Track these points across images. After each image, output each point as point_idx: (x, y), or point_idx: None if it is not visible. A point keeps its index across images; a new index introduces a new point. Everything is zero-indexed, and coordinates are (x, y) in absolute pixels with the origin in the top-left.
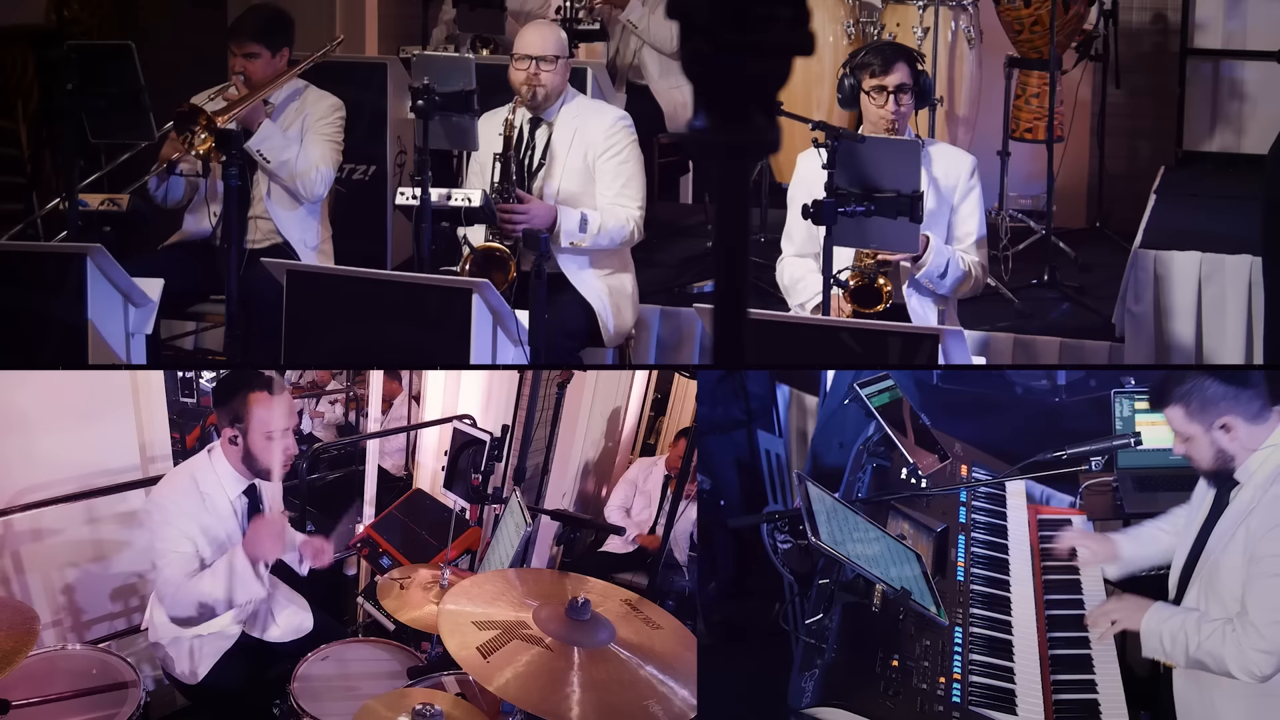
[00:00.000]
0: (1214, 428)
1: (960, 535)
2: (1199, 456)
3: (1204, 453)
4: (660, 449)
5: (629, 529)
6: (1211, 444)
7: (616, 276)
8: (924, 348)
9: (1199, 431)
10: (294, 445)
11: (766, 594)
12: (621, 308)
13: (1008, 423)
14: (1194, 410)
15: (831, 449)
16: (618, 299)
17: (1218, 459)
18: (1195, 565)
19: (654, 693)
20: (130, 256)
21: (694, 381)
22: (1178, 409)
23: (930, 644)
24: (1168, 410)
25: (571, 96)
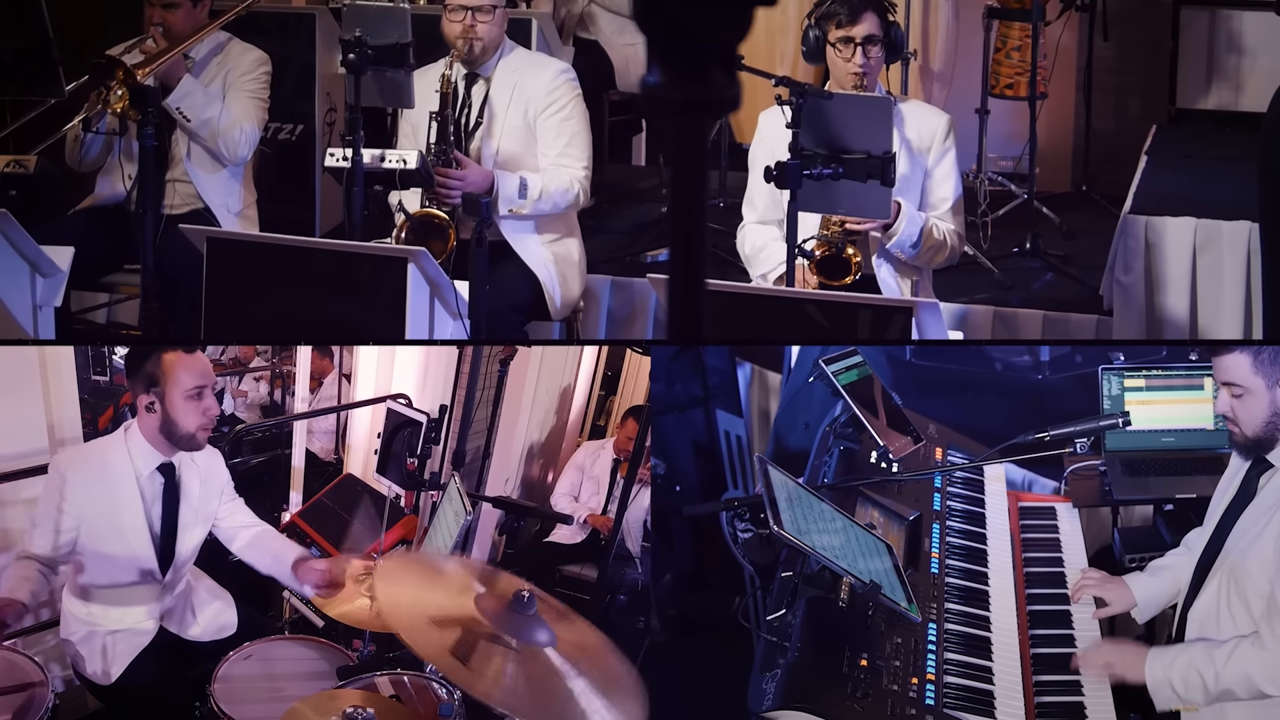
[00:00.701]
0: (1278, 385)
1: (934, 524)
2: (1248, 417)
3: (1256, 413)
4: (611, 431)
5: (577, 517)
6: (1270, 404)
7: (563, 243)
8: (896, 321)
9: (1261, 386)
10: (215, 405)
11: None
12: (568, 277)
13: (986, 402)
14: (1264, 361)
15: (796, 430)
16: (564, 268)
17: (1269, 425)
18: (1218, 554)
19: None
20: (38, 223)
21: (647, 358)
22: (1245, 355)
23: (902, 642)
24: (1232, 356)
25: (510, 49)
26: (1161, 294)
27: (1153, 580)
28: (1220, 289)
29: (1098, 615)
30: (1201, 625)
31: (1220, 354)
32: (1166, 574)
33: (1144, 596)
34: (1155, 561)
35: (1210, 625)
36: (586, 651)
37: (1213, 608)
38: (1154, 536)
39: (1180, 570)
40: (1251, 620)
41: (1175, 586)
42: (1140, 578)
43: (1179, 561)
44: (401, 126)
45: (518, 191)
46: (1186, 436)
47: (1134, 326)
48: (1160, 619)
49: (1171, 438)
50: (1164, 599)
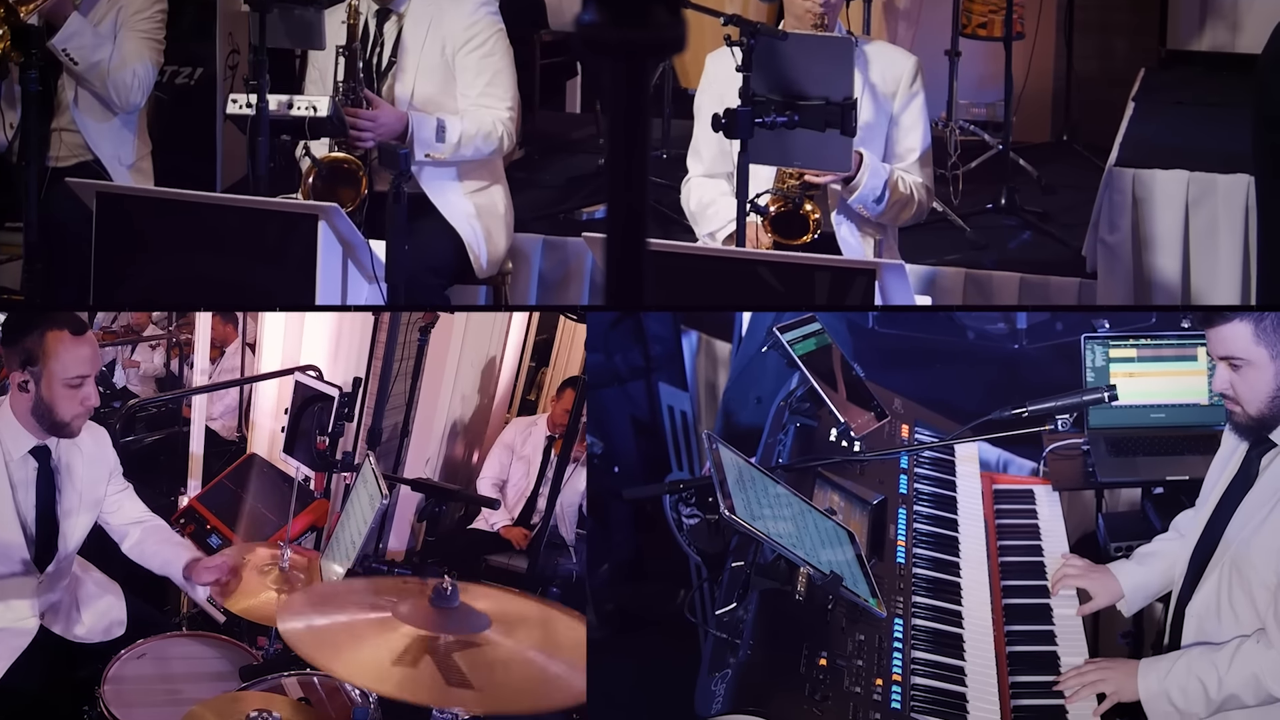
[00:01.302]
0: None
1: (901, 509)
2: (1250, 394)
3: (1260, 389)
4: (542, 406)
5: (492, 524)
6: (1276, 376)
7: (487, 193)
8: (858, 285)
9: (1264, 358)
10: (95, 396)
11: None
12: (494, 231)
13: (958, 374)
14: (1266, 329)
15: (747, 405)
16: (489, 221)
17: (1274, 400)
18: (1217, 544)
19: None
20: None
21: (583, 325)
22: (1245, 325)
23: (865, 639)
24: (1230, 326)
25: None
26: (1151, 254)
27: (1140, 569)
28: (1216, 249)
29: (1081, 610)
30: (1201, 622)
31: (1216, 324)
32: (1155, 562)
33: (1131, 586)
34: (1142, 548)
35: (1211, 622)
36: (528, 622)
37: (1213, 602)
38: (1142, 522)
39: (1170, 557)
40: (1256, 615)
41: (1165, 576)
42: (1127, 566)
43: (1169, 548)
44: (310, 72)
45: (435, 134)
46: (1178, 412)
47: (1120, 290)
48: (1148, 612)
49: (1162, 414)
50: (1153, 589)
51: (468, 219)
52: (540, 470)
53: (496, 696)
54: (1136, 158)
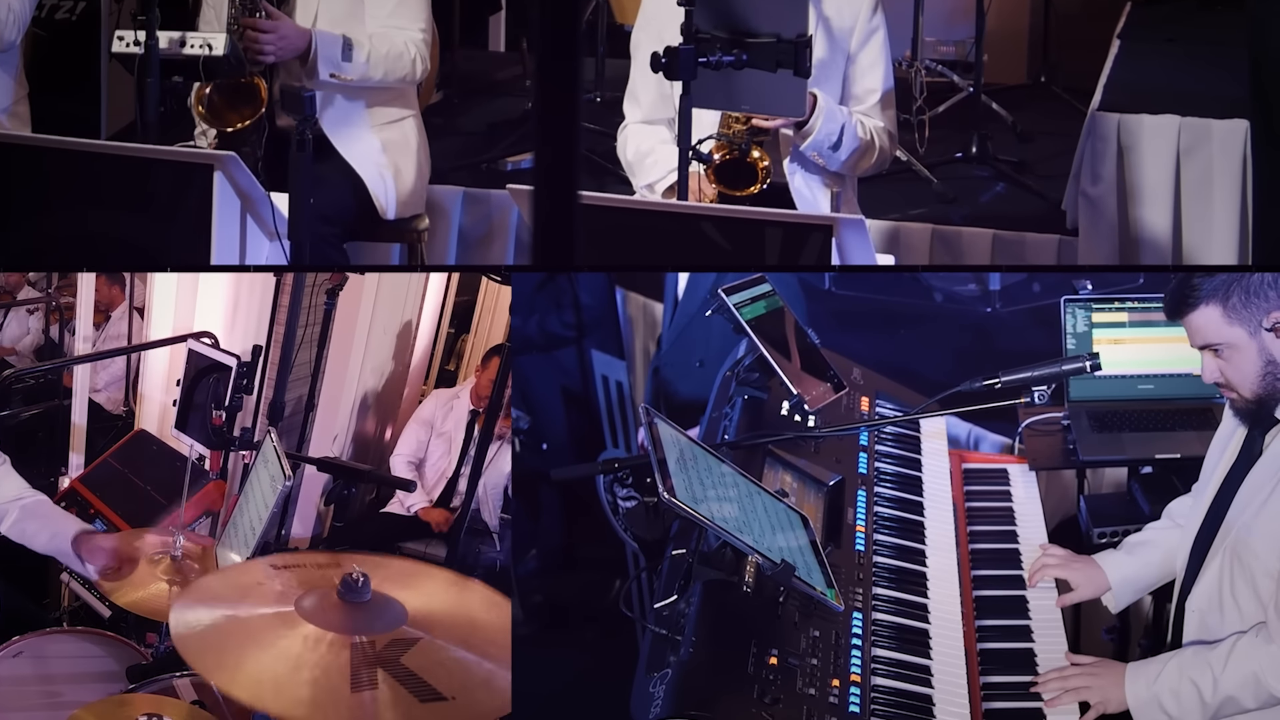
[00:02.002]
0: (1262, 328)
1: (860, 490)
2: (1240, 377)
3: (1247, 370)
4: (463, 376)
5: (409, 507)
6: (1260, 353)
7: (398, 127)
8: (813, 242)
9: (1242, 337)
10: None
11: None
12: (403, 168)
13: (923, 341)
14: (1235, 306)
15: (687, 372)
16: (398, 157)
17: (1266, 378)
18: (1218, 530)
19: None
20: None
21: (507, 287)
22: (1212, 308)
23: (820, 636)
24: (1197, 313)
25: None
26: (1138, 208)
27: (1130, 560)
28: (1210, 202)
29: (1061, 602)
30: (1203, 618)
31: (1185, 313)
32: (1147, 553)
33: (1119, 579)
34: (1132, 537)
35: (1213, 617)
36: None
37: (1214, 595)
38: (1128, 506)
39: (1164, 548)
40: (1260, 608)
41: (1159, 569)
42: (1114, 556)
43: (1162, 538)
44: (205, 11)
45: (341, 52)
46: (1169, 383)
47: (1104, 248)
48: (1135, 606)
49: (1150, 385)
50: (1143, 583)
51: (372, 157)
52: (461, 448)
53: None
54: (1122, 101)
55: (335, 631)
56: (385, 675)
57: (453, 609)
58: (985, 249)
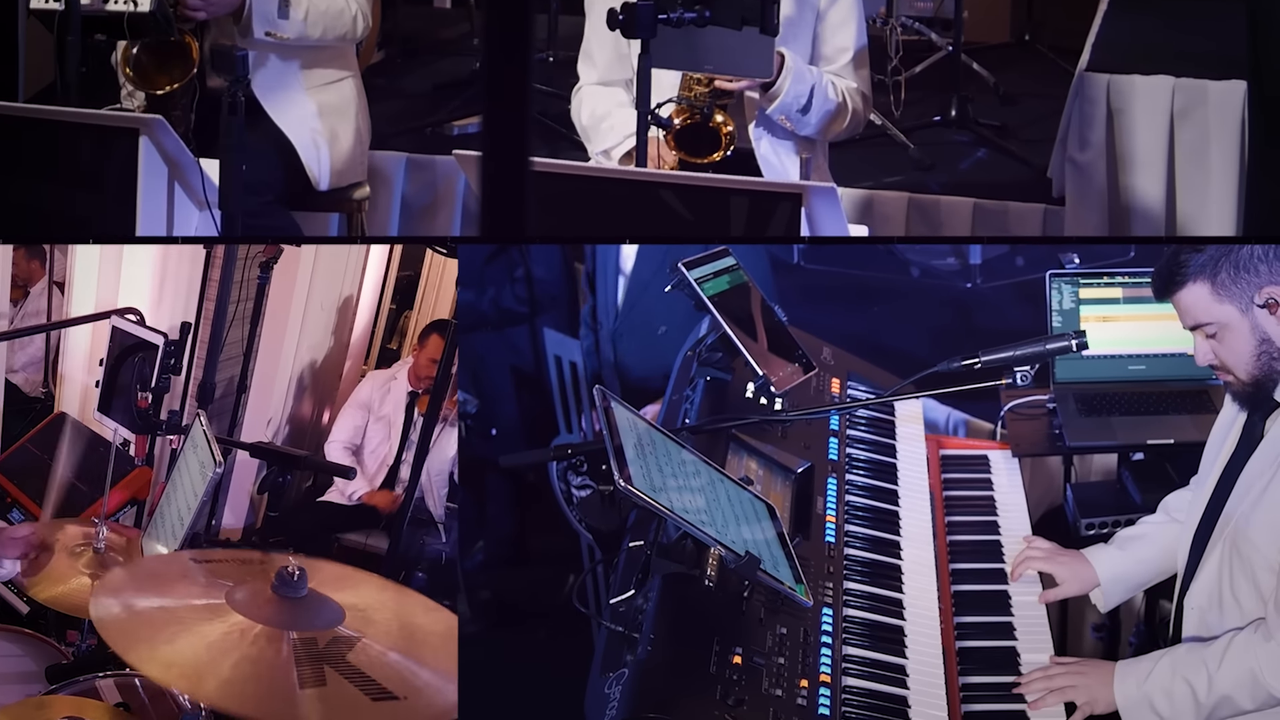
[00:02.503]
0: (1254, 305)
1: (830, 478)
2: (1234, 358)
3: (1241, 349)
4: (405, 355)
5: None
6: (1253, 332)
7: (336, 89)
8: (781, 212)
9: (1233, 315)
10: None
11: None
12: (340, 134)
13: (899, 318)
14: (1224, 283)
15: (649, 344)
16: (335, 122)
17: (1261, 358)
18: (1217, 521)
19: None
20: None
21: (454, 260)
22: (1200, 285)
23: (788, 633)
24: (1185, 291)
25: None
26: (1129, 175)
27: (1121, 555)
28: (1206, 168)
29: (1045, 598)
30: (1203, 615)
31: (1173, 291)
32: (1140, 548)
33: (1110, 576)
34: (1125, 531)
35: (1213, 614)
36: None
37: (1214, 591)
38: (1119, 495)
39: (1158, 543)
40: (1261, 600)
41: (1152, 566)
42: (1105, 551)
43: (1156, 532)
44: None
45: (277, 9)
46: (1162, 364)
47: (1093, 219)
48: (1125, 607)
49: (1142, 365)
50: (1135, 580)
51: (306, 123)
52: (403, 432)
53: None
54: (1112, 61)
55: (271, 625)
56: (333, 672)
57: (390, 614)
58: (965, 219)
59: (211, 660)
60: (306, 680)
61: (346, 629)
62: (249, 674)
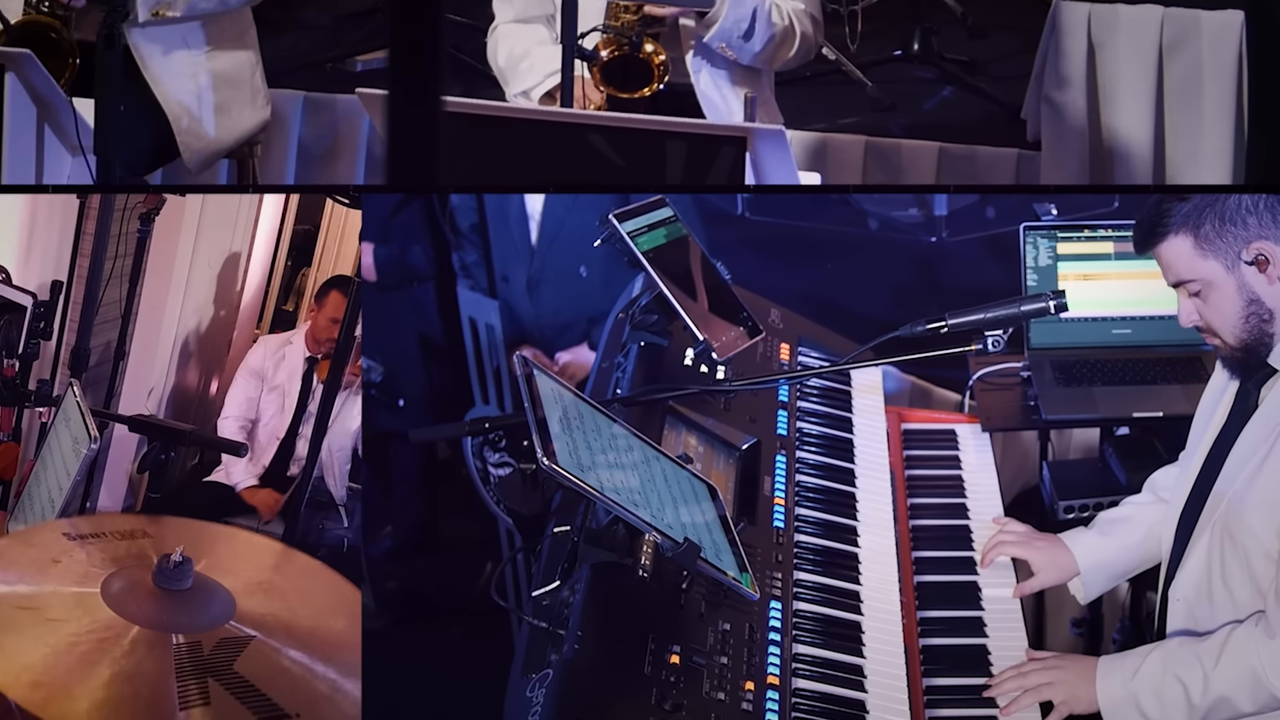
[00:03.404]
0: (1240, 261)
1: (779, 455)
2: (1220, 319)
3: (1227, 310)
4: (303, 317)
5: (237, 483)
6: (1240, 291)
7: (231, 57)
8: (723, 157)
9: (1218, 272)
10: None
11: (472, 549)
12: (233, 103)
13: (856, 276)
14: (1208, 236)
15: (569, 287)
16: (228, 94)
17: (1250, 319)
18: (1206, 501)
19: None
20: None
21: (357, 211)
22: (1182, 239)
23: (731, 629)
24: (1167, 244)
25: None
26: (1112, 116)
27: (1103, 541)
28: (1198, 108)
29: (1020, 590)
30: (1190, 607)
31: (1154, 244)
32: (1123, 532)
33: (1090, 563)
34: (1107, 513)
35: (1202, 606)
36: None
37: (1203, 580)
38: (1101, 474)
39: (1144, 526)
40: (1258, 594)
41: (1137, 552)
42: (1084, 536)
43: (1142, 514)
44: None
45: None
46: (1149, 327)
47: (1072, 166)
48: (1109, 600)
49: (1127, 329)
50: (1119, 568)
51: (192, 93)
52: (299, 403)
53: None
54: None
55: (151, 627)
56: (218, 688)
57: (288, 596)
58: (930, 166)
59: (83, 675)
60: (189, 699)
61: (237, 625)
62: (125, 694)
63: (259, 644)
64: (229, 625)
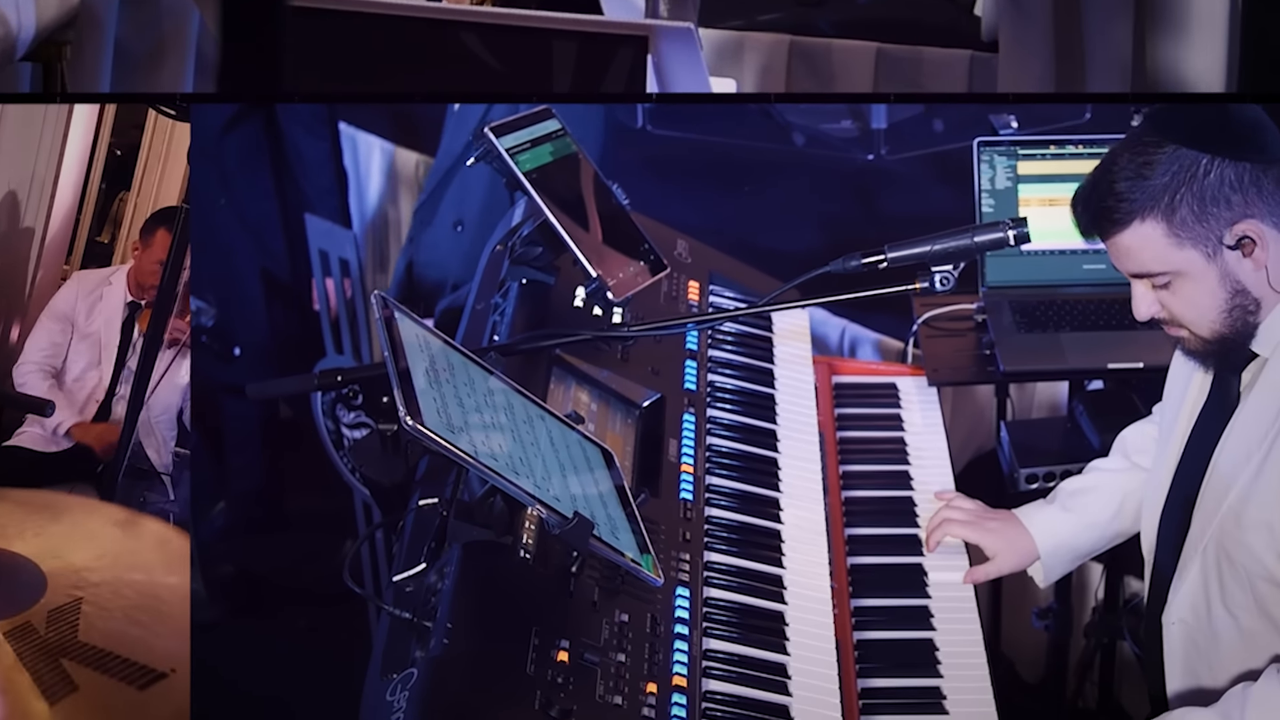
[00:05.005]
0: (1223, 247)
1: (688, 414)
2: (1193, 313)
3: (1204, 302)
4: (121, 254)
5: (56, 428)
6: (1222, 281)
7: None
8: (620, 59)
9: (1197, 263)
10: None
11: (321, 525)
12: None
13: (778, 201)
14: (1186, 221)
15: (442, 241)
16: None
17: (1234, 312)
18: (1192, 513)
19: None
20: None
21: (185, 124)
22: (1152, 225)
23: (630, 621)
24: (1129, 232)
25: None
26: (1083, 10)
27: (1065, 518)
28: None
29: (972, 576)
30: (1190, 631)
31: (1111, 230)
32: (1089, 506)
33: (1051, 545)
34: (1070, 483)
35: (1201, 632)
36: (95, 548)
37: (1200, 602)
38: (1070, 437)
39: (1115, 497)
40: (1263, 615)
41: (1106, 529)
42: (1044, 512)
43: (1111, 483)
44: None
45: None
46: None
47: (1034, 71)
48: (1078, 578)
49: (1100, 264)
50: (1084, 547)
51: None
52: (118, 355)
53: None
54: None
55: None
56: (76, 667)
57: (102, 547)
58: (866, 70)
59: None
60: (53, 690)
61: (60, 593)
62: None
63: (92, 608)
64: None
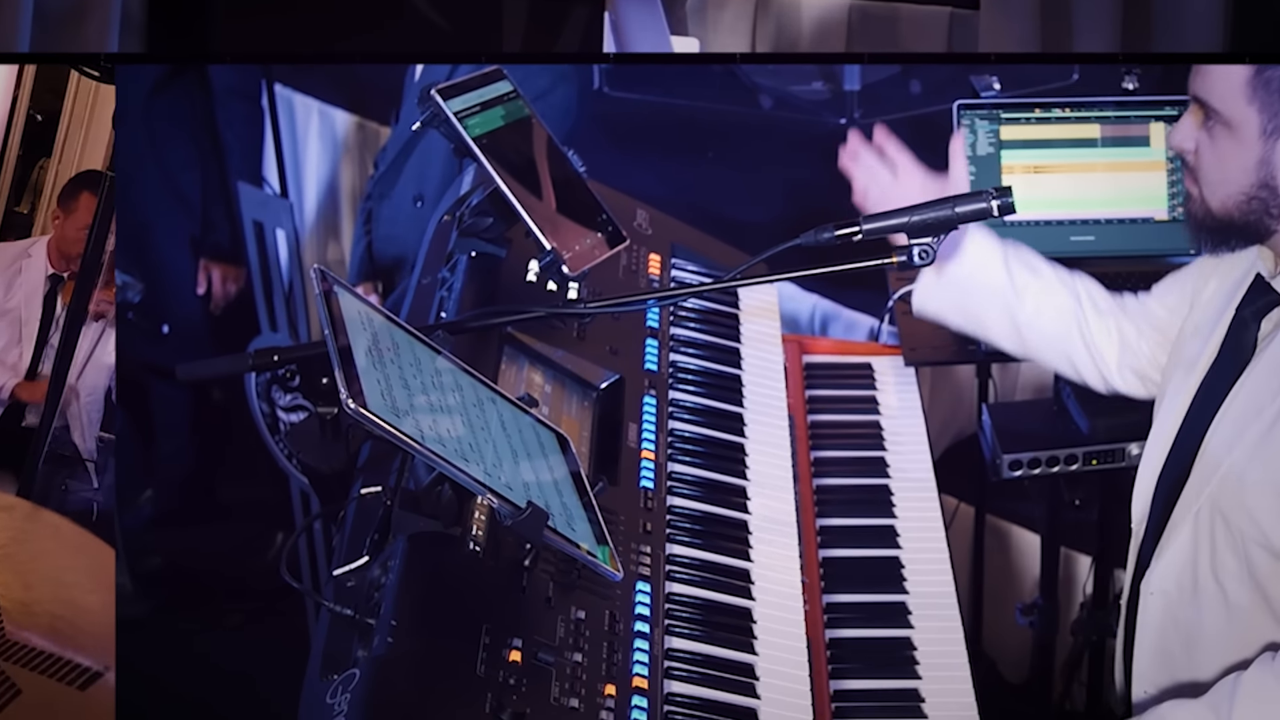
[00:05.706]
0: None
1: (648, 396)
2: (1217, 174)
3: (1230, 164)
4: (41, 224)
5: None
6: (1261, 163)
7: None
8: (576, 19)
9: (1251, 124)
10: None
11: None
12: None
13: (744, 168)
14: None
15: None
16: None
17: (1253, 201)
18: (1193, 467)
19: None
20: None
21: (109, 86)
22: (1244, 70)
23: (587, 619)
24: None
25: None
26: None
27: (979, 261)
28: None
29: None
30: (1170, 603)
31: None
32: (1016, 275)
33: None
34: (1024, 250)
35: (1184, 607)
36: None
37: (1186, 570)
38: (1056, 421)
39: (1038, 295)
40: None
41: (1001, 312)
42: (975, 239)
43: (1051, 279)
44: None
45: None
46: (1116, 232)
47: (1019, 26)
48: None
49: (1089, 234)
50: (974, 300)
51: None
52: (40, 333)
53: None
54: None
55: None
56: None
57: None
58: (839, 27)
59: None
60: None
61: None
62: None
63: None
64: None
